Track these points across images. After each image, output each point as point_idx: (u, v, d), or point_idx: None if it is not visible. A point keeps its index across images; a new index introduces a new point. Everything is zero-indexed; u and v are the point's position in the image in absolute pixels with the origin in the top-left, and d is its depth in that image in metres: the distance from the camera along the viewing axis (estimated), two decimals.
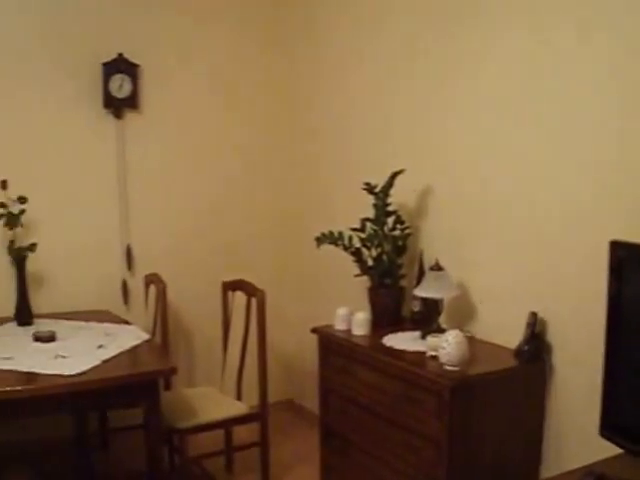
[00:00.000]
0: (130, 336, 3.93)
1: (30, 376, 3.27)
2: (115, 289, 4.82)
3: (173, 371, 3.51)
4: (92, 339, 3.87)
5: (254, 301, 3.97)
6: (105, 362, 3.46)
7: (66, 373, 3.26)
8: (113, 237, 4.76)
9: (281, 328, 5.00)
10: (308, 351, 4.79)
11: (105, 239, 4.74)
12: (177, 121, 4.88)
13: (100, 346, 3.72)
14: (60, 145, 4.55)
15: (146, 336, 3.96)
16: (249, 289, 4.04)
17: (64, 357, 3.53)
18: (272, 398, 4.22)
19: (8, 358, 3.51)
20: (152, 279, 4.50)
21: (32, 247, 4.24)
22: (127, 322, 4.33)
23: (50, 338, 3.81)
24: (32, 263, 4.35)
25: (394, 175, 3.78)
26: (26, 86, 4.40)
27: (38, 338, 3.80)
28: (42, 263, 4.46)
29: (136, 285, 4.80)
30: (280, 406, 5.16)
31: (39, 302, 4.43)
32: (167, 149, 4.86)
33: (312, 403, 4.88)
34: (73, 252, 4.65)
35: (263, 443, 4.11)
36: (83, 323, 4.22)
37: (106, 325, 4.20)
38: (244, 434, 4.32)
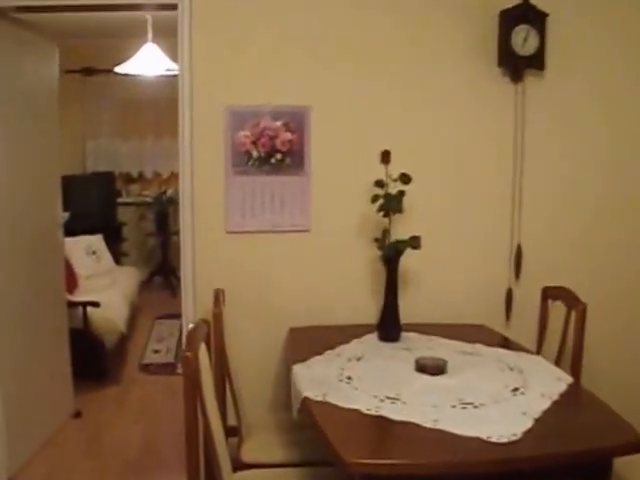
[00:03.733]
0: (544, 374, 2.88)
1: (439, 436, 2.26)
2: (496, 299, 3.76)
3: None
4: (495, 375, 2.86)
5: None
6: (537, 421, 2.38)
7: (493, 439, 2.23)
8: (500, 233, 3.72)
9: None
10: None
11: (490, 235, 3.72)
12: (587, 92, 3.71)
13: (515, 389, 2.68)
14: (443, 112, 3.65)
15: (567, 377, 2.85)
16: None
17: (473, 406, 2.51)
18: None
19: (395, 399, 2.55)
20: (557, 293, 3.39)
21: (415, 242, 3.18)
22: (522, 347, 3.28)
23: (439, 369, 2.83)
24: None
25: None
26: (403, 40, 3.59)
27: (423, 368, 2.83)
28: (407, 259, 3.40)
29: (523, 296, 3.74)
30: None
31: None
32: (573, 126, 3.72)
33: None
34: (447, 248, 3.69)
35: None
36: (467, 345, 3.23)
37: (500, 351, 3.17)
38: None
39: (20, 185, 3.81)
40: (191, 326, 2.42)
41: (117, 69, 5.89)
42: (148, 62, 5.67)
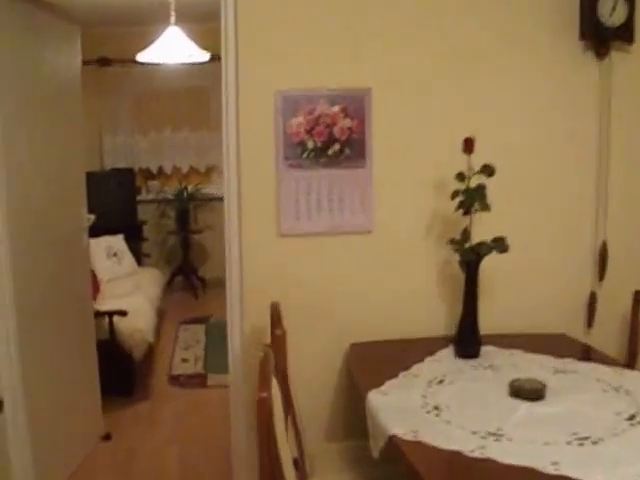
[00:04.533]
0: None
1: None
2: (576, 304, 3.31)
3: None
4: (601, 398, 2.46)
5: None
6: None
7: None
8: (582, 229, 3.26)
9: None
10: None
11: (570, 231, 3.27)
12: None
13: (631, 417, 2.27)
14: (517, 91, 3.16)
15: None
16: None
17: (591, 441, 2.10)
18: None
19: (497, 435, 2.15)
20: None
21: (500, 244, 2.75)
22: (615, 361, 2.90)
23: (537, 394, 2.42)
24: None
25: None
26: (472, 9, 3.09)
27: (518, 392, 2.43)
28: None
29: (608, 301, 3.29)
30: None
31: None
32: None
33: None
34: (522, 246, 3.14)
35: None
36: (556, 361, 2.81)
37: (596, 368, 2.74)
38: None
39: (40, 185, 3.39)
40: (261, 355, 2.01)
41: (138, 56, 5.45)
42: (172, 47, 5.22)
